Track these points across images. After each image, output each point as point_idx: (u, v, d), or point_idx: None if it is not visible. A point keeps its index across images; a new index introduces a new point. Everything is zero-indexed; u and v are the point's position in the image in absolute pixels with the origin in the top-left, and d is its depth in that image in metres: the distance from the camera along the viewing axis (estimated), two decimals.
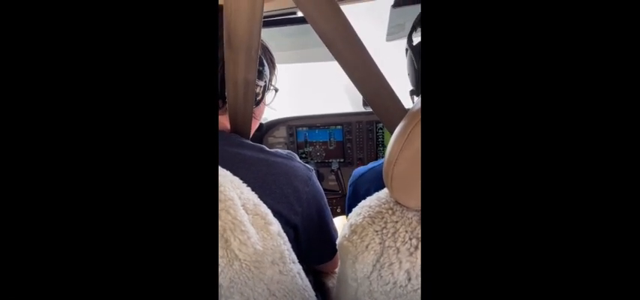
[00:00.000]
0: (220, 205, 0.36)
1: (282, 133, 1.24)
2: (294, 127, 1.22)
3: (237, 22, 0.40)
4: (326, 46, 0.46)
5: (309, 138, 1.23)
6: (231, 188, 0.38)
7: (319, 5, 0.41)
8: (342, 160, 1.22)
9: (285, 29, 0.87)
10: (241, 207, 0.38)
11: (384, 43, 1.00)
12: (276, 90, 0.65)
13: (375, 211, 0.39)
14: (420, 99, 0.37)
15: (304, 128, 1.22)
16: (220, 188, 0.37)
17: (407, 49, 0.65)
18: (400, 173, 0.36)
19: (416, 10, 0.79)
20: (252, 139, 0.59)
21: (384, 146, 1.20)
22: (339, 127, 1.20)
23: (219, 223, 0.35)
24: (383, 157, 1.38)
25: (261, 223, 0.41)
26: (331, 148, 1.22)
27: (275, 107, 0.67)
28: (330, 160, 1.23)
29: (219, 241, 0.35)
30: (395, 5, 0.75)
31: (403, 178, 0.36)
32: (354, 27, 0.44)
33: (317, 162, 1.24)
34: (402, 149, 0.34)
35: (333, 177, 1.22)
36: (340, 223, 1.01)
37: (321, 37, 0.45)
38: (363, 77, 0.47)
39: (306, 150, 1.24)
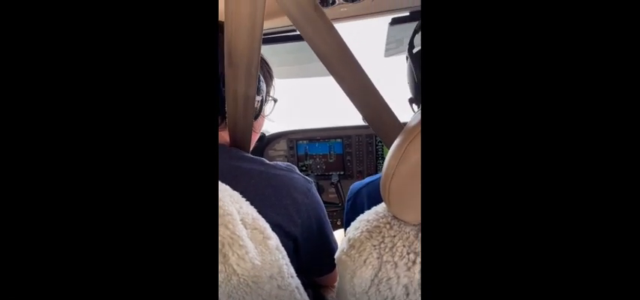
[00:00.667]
0: (219, 220, 0.36)
1: (282, 146, 1.25)
2: (294, 140, 1.23)
3: (237, 39, 0.42)
4: (323, 63, 0.47)
5: (309, 151, 1.24)
6: (230, 203, 0.39)
7: (314, 24, 0.42)
8: (341, 173, 1.23)
9: (287, 45, 0.89)
10: (240, 221, 0.38)
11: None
12: (275, 100, 0.66)
13: (373, 225, 0.40)
14: (415, 114, 0.37)
15: (304, 141, 1.23)
16: (219, 203, 0.37)
17: (407, 58, 0.66)
18: (397, 188, 0.36)
19: (413, 25, 0.81)
20: (252, 152, 0.60)
21: (384, 159, 1.20)
22: (339, 140, 1.21)
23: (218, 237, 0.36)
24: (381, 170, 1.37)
25: (260, 237, 0.41)
26: (331, 161, 1.23)
27: (273, 119, 0.68)
28: (330, 173, 1.23)
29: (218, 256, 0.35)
30: (392, 23, 0.77)
31: (400, 192, 0.36)
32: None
33: (317, 175, 1.24)
34: (399, 164, 0.35)
35: (333, 189, 1.22)
36: (340, 236, 1.00)
37: (317, 55, 0.46)
38: (359, 94, 0.48)
39: (306, 163, 1.25)
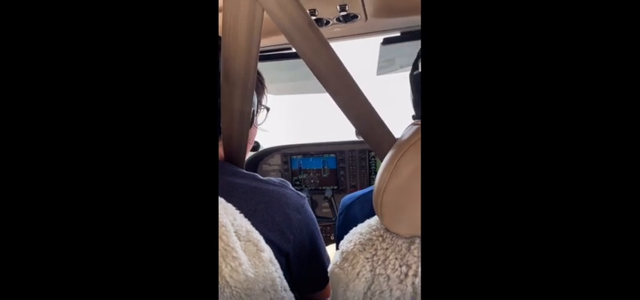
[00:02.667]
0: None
1: (276, 160, 1.26)
2: (288, 154, 1.24)
3: (234, 58, 0.43)
4: (318, 79, 0.48)
5: (303, 165, 1.24)
6: (225, 215, 0.39)
7: (309, 41, 0.44)
8: (335, 188, 1.23)
9: (282, 63, 0.91)
10: (234, 233, 0.39)
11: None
12: (268, 109, 0.67)
13: (366, 238, 0.40)
14: (407, 129, 0.39)
15: (298, 156, 1.24)
16: None
17: (410, 79, 0.67)
18: (389, 202, 0.37)
19: (404, 45, 0.84)
20: (246, 162, 0.61)
21: (377, 174, 1.22)
22: (332, 155, 1.22)
23: None
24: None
25: (253, 249, 0.41)
26: (325, 175, 1.24)
27: (266, 129, 0.69)
28: (324, 188, 1.24)
29: None
30: (384, 43, 0.80)
31: (392, 206, 0.37)
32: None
33: (311, 189, 1.24)
34: (391, 178, 0.36)
35: (327, 204, 1.22)
36: (333, 251, 1.00)
37: (313, 71, 0.48)
38: (353, 108, 0.50)
39: (300, 177, 1.25)
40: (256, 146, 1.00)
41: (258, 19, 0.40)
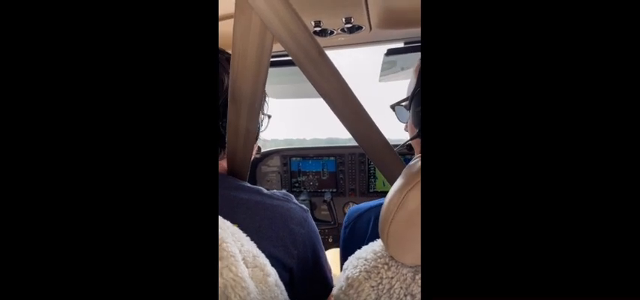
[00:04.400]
0: (223, 263, 0.37)
1: (276, 162, 1.26)
2: (288, 156, 1.24)
3: (242, 80, 0.43)
4: (324, 100, 0.48)
5: (302, 168, 1.25)
6: (233, 243, 0.39)
7: (318, 68, 0.44)
8: (334, 190, 1.24)
9: (284, 68, 0.90)
10: (242, 261, 0.39)
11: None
12: (269, 117, 0.67)
13: (371, 265, 0.41)
14: (415, 159, 0.39)
15: (298, 158, 1.24)
16: (223, 244, 0.38)
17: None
18: (395, 232, 0.37)
19: (406, 56, 0.84)
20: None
21: (376, 178, 1.23)
22: (332, 158, 1.22)
23: (221, 280, 0.36)
24: (374, 188, 1.38)
25: (260, 275, 0.41)
26: (324, 178, 1.24)
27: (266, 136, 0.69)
28: (323, 190, 1.24)
29: (220, 298, 0.36)
30: (388, 54, 0.80)
31: (398, 237, 0.38)
32: None
33: (310, 191, 1.25)
34: (398, 210, 0.37)
35: (326, 207, 1.23)
36: (332, 256, 1.01)
37: (319, 92, 0.47)
38: (359, 131, 0.50)
39: (299, 179, 1.25)
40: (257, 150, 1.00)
41: (267, 46, 0.40)
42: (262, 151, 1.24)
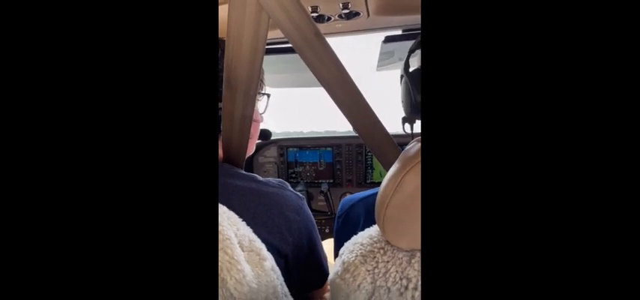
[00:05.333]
0: (218, 245, 0.37)
1: (272, 152, 1.25)
2: (284, 147, 1.23)
3: (238, 65, 0.42)
4: (322, 86, 0.48)
5: (299, 158, 1.24)
6: (229, 226, 0.39)
7: (315, 50, 0.43)
8: (331, 181, 1.24)
9: (280, 56, 0.89)
10: (238, 245, 0.39)
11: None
12: (268, 95, 0.66)
13: (367, 250, 0.41)
14: (413, 143, 0.39)
15: (295, 149, 1.23)
16: (219, 227, 0.38)
17: (402, 76, 0.67)
18: (391, 216, 0.37)
19: (405, 43, 0.83)
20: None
21: (373, 169, 1.23)
22: (329, 148, 1.22)
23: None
24: (371, 179, 1.38)
25: (256, 259, 0.41)
26: (321, 169, 1.24)
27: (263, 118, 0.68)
28: (320, 181, 1.24)
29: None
30: (386, 41, 0.79)
31: (394, 221, 0.38)
32: None
33: (307, 182, 1.25)
34: (394, 194, 0.36)
35: (323, 197, 1.23)
36: (328, 246, 1.01)
37: (317, 78, 0.47)
38: (356, 116, 0.50)
39: (296, 170, 1.25)
40: (268, 134, 0.98)
41: (263, 27, 0.39)
42: (257, 142, 1.23)
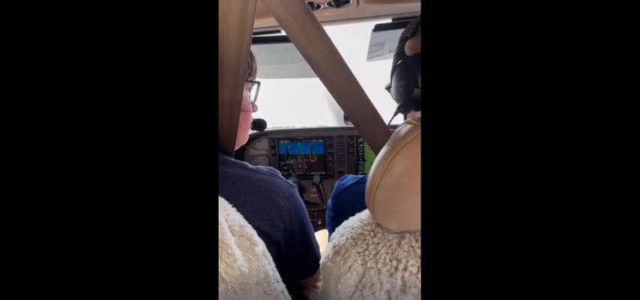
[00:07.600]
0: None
1: (263, 145, 1.25)
2: (276, 139, 1.23)
3: (225, 48, 0.41)
4: (311, 67, 0.47)
5: (290, 151, 1.24)
6: (219, 211, 0.39)
7: (304, 28, 0.42)
8: (323, 173, 1.24)
9: (271, 45, 0.89)
10: (228, 229, 0.39)
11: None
12: (258, 83, 0.65)
13: (358, 232, 0.41)
14: (401, 126, 0.39)
15: (286, 141, 1.23)
16: None
17: (396, 66, 0.67)
18: (381, 198, 0.38)
19: (394, 32, 0.84)
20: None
21: (365, 160, 1.23)
22: (320, 140, 1.22)
23: None
24: (363, 170, 1.38)
25: (247, 244, 0.41)
26: (313, 161, 1.24)
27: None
28: (312, 173, 1.24)
29: None
30: (376, 29, 0.79)
31: (384, 203, 0.38)
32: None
33: (298, 174, 1.25)
34: (383, 176, 0.37)
35: (315, 189, 1.23)
36: (321, 236, 1.02)
37: (306, 58, 0.46)
38: (347, 97, 0.50)
39: (287, 162, 1.25)
40: (263, 124, 0.97)
41: (251, 5, 0.39)
42: (250, 133, 1.22)
